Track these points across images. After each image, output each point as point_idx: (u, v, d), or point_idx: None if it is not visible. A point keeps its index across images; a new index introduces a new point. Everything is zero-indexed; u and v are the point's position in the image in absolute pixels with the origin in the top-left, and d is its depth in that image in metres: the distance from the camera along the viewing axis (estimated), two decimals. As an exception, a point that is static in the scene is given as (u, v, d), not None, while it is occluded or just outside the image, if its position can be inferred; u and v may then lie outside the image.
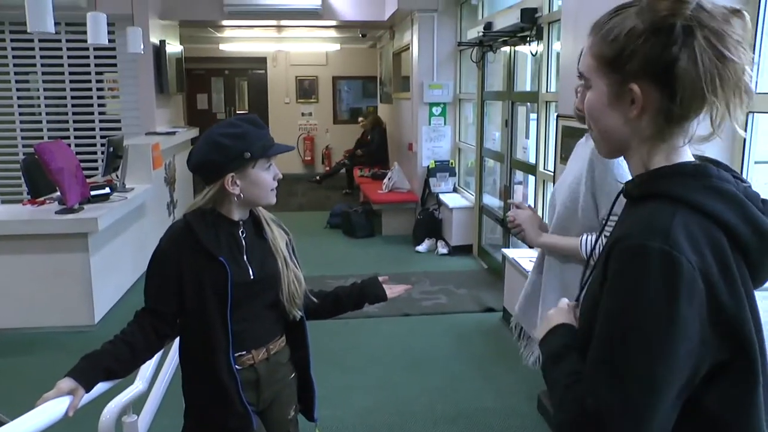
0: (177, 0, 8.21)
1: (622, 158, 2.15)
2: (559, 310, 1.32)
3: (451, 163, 8.03)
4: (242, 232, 2.03)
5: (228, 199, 1.97)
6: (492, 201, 7.13)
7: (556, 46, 4.96)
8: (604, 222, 2.23)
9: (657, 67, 1.05)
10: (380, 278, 2.32)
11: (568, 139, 3.86)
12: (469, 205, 7.39)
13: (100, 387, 1.88)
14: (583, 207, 2.26)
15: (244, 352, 2.01)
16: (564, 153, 3.90)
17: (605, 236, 2.21)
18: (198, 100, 13.54)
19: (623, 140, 1.15)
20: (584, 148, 2.36)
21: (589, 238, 2.25)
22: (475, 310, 5.55)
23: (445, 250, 7.47)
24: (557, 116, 4.00)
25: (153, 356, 2.11)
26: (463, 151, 8.05)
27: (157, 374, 2.60)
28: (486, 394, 4.02)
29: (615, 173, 2.19)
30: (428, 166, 7.99)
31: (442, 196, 7.80)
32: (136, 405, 2.37)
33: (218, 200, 1.99)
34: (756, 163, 2.80)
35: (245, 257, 2.01)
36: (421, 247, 7.62)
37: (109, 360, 1.87)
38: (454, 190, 7.98)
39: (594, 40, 1.14)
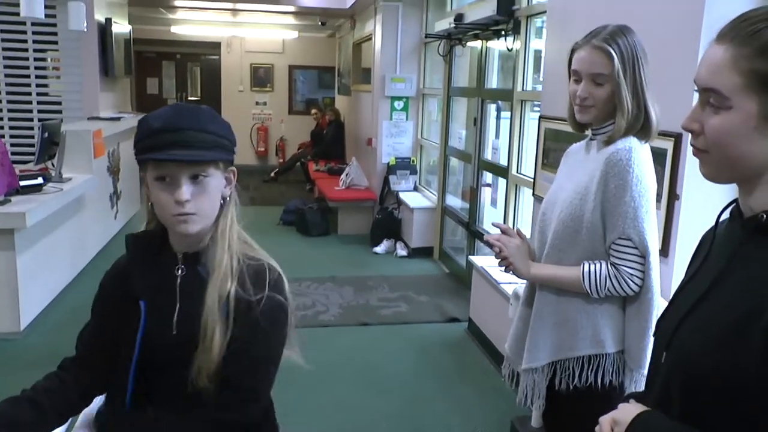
0: None
1: (645, 172, 1.85)
2: (625, 407, 1.18)
3: (413, 161, 7.70)
4: (181, 269, 1.53)
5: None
6: (455, 202, 6.81)
7: (535, 42, 4.66)
8: (610, 246, 1.93)
9: None
10: None
11: (551, 143, 3.55)
12: (431, 206, 7.07)
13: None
14: (589, 228, 1.93)
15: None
16: (547, 158, 3.59)
17: (612, 264, 1.92)
18: (148, 84, 12.94)
19: (759, 167, 1.03)
20: (587, 157, 2.03)
21: (593, 268, 1.92)
22: (438, 320, 5.23)
23: (404, 252, 7.14)
24: (540, 117, 3.68)
25: (67, 420, 1.59)
26: (426, 148, 7.73)
27: None
28: (452, 419, 3.69)
29: (634, 191, 1.86)
30: (388, 163, 7.66)
31: (402, 195, 7.47)
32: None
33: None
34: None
35: (177, 306, 1.50)
36: (379, 249, 7.28)
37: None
38: (415, 189, 7.66)
39: (741, 53, 0.99)
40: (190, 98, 13.36)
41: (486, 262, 4.78)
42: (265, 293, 1.49)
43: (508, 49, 4.87)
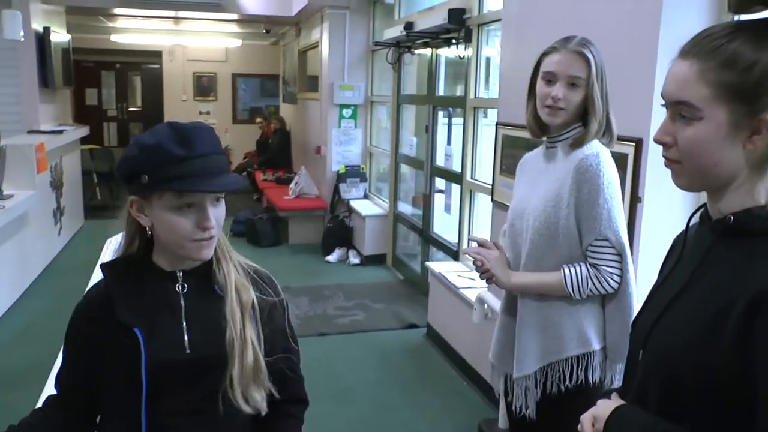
0: None
1: (612, 175, 1.91)
2: (603, 402, 1.24)
3: (362, 169, 7.70)
4: (181, 287, 1.45)
5: (155, 237, 1.43)
6: (407, 209, 6.84)
7: (486, 50, 4.72)
8: (587, 248, 1.97)
9: None
10: None
11: (509, 150, 3.59)
12: (383, 213, 7.08)
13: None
14: (565, 233, 1.97)
15: None
16: (505, 165, 3.64)
17: (591, 265, 1.96)
18: (87, 95, 12.56)
19: (730, 174, 1.07)
20: (550, 166, 2.06)
21: (574, 270, 1.97)
22: (397, 327, 5.24)
23: (357, 260, 7.12)
24: (497, 125, 3.72)
25: None
26: (375, 156, 7.74)
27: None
28: (420, 425, 3.70)
29: (606, 193, 1.92)
30: (338, 171, 7.63)
31: (353, 203, 7.45)
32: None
33: (143, 239, 1.45)
34: None
35: (184, 324, 1.42)
36: (331, 257, 7.25)
37: None
38: (365, 197, 7.65)
39: (707, 66, 1.04)
40: (131, 109, 13.06)
41: (443, 267, 4.81)
42: (281, 295, 1.56)
43: (459, 57, 4.92)
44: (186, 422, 1.43)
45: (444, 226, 5.68)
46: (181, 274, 1.45)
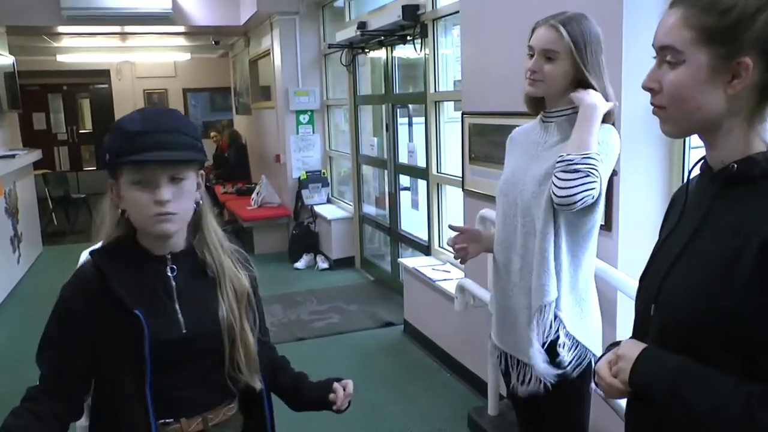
0: (3, 3, 7.02)
1: (611, 145, 1.92)
2: (628, 342, 1.22)
3: (323, 173, 7.67)
4: (171, 270, 1.52)
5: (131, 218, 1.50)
6: (373, 209, 6.84)
7: (442, 42, 4.75)
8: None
9: None
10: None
11: (477, 137, 3.62)
12: (348, 216, 7.06)
13: None
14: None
15: (171, 420, 1.49)
16: (474, 153, 3.66)
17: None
18: (35, 119, 12.24)
19: (714, 119, 1.10)
20: (550, 138, 2.05)
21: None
22: (373, 327, 5.22)
23: (325, 265, 7.10)
24: (462, 114, 3.75)
25: None
26: (335, 159, 7.72)
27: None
28: (409, 419, 3.69)
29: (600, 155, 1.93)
30: (299, 178, 7.58)
31: (317, 208, 7.42)
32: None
33: (128, 223, 1.50)
34: None
35: (177, 305, 1.50)
36: (299, 264, 7.20)
37: None
38: (328, 201, 7.63)
39: (691, 12, 1.08)
40: (81, 131, 12.80)
41: (417, 262, 4.82)
42: (254, 270, 1.67)
43: (416, 51, 4.94)
44: (189, 393, 1.52)
45: (412, 223, 5.69)
46: (169, 256, 1.52)
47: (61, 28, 8.05)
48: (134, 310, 1.43)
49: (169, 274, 1.52)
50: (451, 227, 2.28)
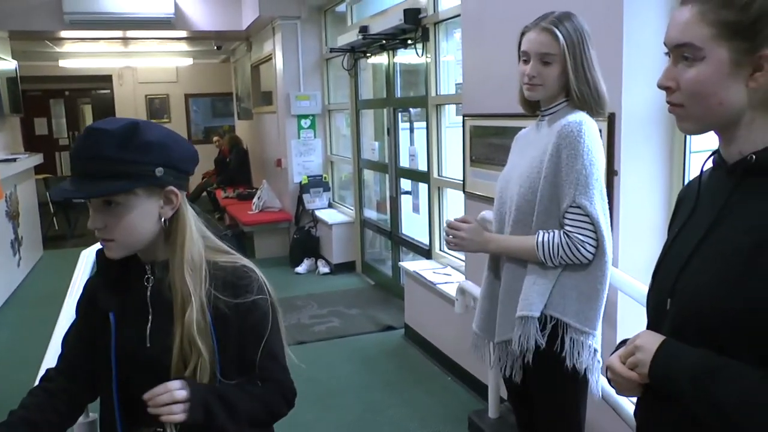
0: (6, 7, 7.05)
1: (594, 144, 1.93)
2: (647, 333, 1.19)
3: (325, 178, 7.67)
4: (149, 280, 1.49)
5: None
6: (374, 214, 6.84)
7: (444, 47, 4.76)
8: (563, 214, 1.99)
9: None
10: None
11: (478, 139, 3.62)
12: (349, 220, 7.05)
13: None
14: (544, 198, 2.01)
15: (154, 429, 1.45)
16: (475, 155, 3.66)
17: (565, 233, 1.98)
18: (36, 124, 12.25)
19: (735, 114, 1.09)
20: (538, 136, 2.11)
21: (547, 237, 1.99)
22: (374, 330, 5.22)
23: (326, 269, 7.09)
24: (464, 116, 3.75)
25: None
26: (336, 164, 7.73)
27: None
28: (410, 422, 3.68)
29: (585, 159, 1.94)
30: (300, 182, 7.58)
31: (318, 213, 7.42)
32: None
33: None
34: None
35: (150, 316, 1.46)
36: (300, 269, 7.20)
37: None
38: (330, 206, 7.62)
39: (707, 8, 1.07)
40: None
41: (418, 266, 4.81)
42: (253, 294, 1.47)
43: (418, 55, 4.95)
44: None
45: (413, 227, 5.69)
46: (149, 267, 1.49)
47: (63, 33, 8.05)
48: (109, 313, 1.45)
49: (146, 284, 1.49)
50: (448, 223, 2.29)
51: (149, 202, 1.41)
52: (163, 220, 1.44)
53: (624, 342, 1.27)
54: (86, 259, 2.76)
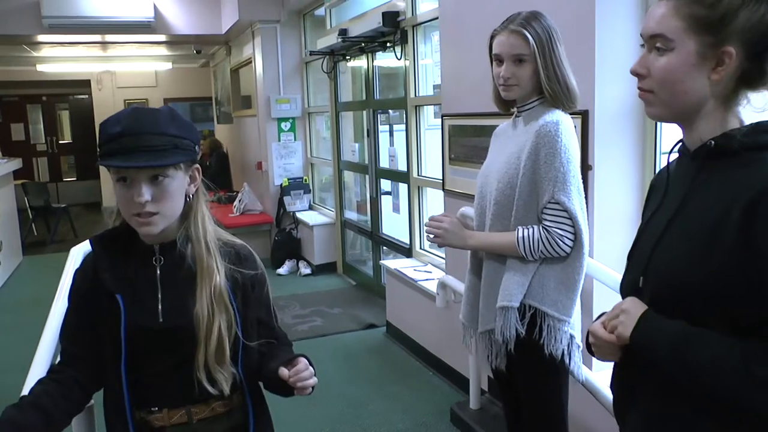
0: None
1: (571, 142, 2.03)
2: (633, 299, 1.27)
3: (305, 180, 7.73)
4: (158, 260, 1.56)
5: None
6: (354, 215, 6.91)
7: (422, 49, 4.84)
8: (542, 210, 2.08)
9: (755, 32, 1.13)
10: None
11: (456, 138, 3.71)
12: (330, 222, 7.12)
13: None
14: (522, 194, 2.10)
15: (155, 409, 1.54)
16: (454, 153, 3.75)
17: (544, 228, 2.07)
18: (13, 130, 12.17)
19: (698, 103, 1.19)
20: (515, 132, 2.20)
21: (527, 233, 2.08)
22: (356, 329, 5.28)
23: (308, 270, 7.15)
24: (443, 116, 3.84)
25: (72, 419, 1.60)
26: (317, 166, 7.79)
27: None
28: (393, 415, 3.75)
29: (563, 157, 2.04)
30: (281, 185, 7.64)
31: (299, 215, 7.48)
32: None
33: None
34: None
35: (159, 295, 1.54)
36: (282, 270, 7.26)
37: None
38: (310, 208, 7.68)
39: (682, 2, 1.17)
40: (61, 142, 12.75)
41: (399, 264, 4.89)
42: (260, 269, 1.66)
43: (397, 57, 5.03)
44: (166, 384, 1.54)
45: (394, 227, 5.77)
46: (157, 247, 1.56)
47: (41, 37, 8.04)
48: (116, 294, 1.50)
49: (155, 264, 1.56)
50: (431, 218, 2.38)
51: (182, 178, 1.52)
52: (188, 196, 1.55)
53: (604, 314, 1.36)
54: (75, 258, 2.78)
